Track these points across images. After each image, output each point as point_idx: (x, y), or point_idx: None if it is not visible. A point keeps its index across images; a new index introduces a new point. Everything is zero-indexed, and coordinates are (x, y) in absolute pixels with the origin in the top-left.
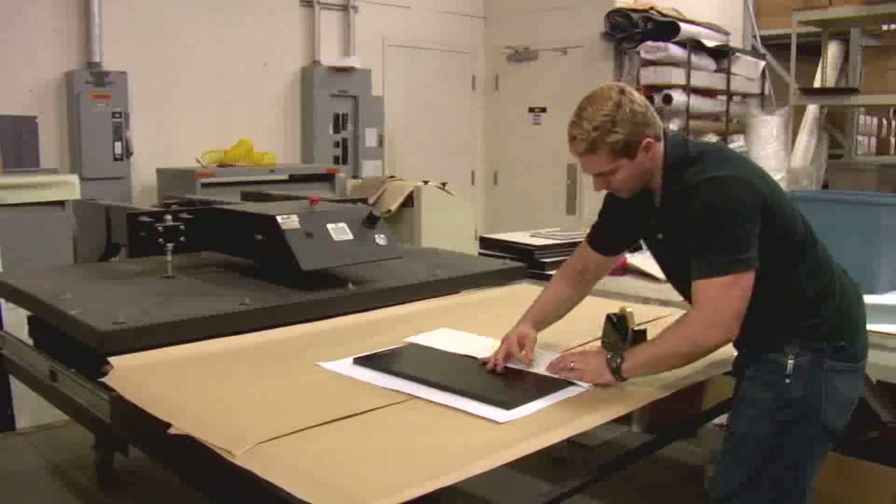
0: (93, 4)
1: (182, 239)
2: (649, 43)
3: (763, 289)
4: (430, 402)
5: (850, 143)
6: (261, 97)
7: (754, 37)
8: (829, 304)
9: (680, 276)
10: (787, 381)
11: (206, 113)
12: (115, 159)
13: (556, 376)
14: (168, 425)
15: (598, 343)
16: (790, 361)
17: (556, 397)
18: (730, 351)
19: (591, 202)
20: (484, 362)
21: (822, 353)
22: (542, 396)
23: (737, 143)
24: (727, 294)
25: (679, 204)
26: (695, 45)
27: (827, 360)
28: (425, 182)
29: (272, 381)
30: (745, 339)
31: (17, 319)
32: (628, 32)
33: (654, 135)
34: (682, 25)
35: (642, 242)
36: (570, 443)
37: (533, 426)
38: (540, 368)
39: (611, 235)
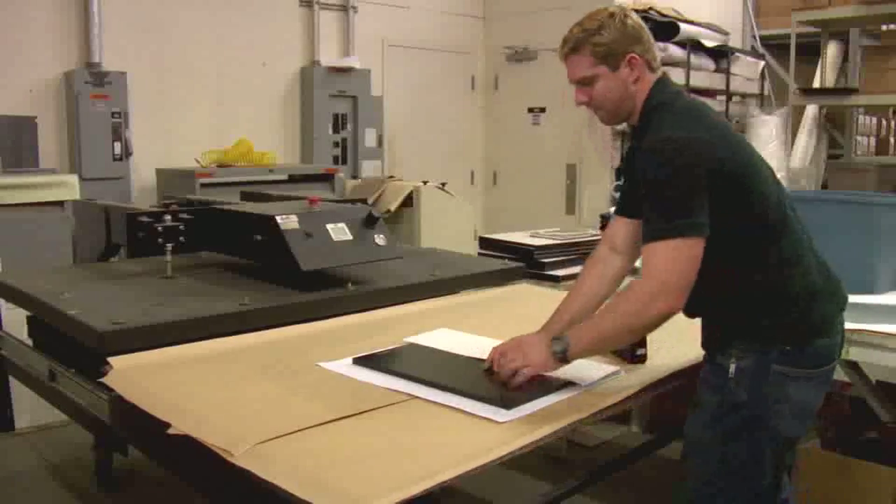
0: (92, 4)
1: (181, 239)
2: None
3: (713, 273)
4: (430, 402)
5: (850, 143)
6: (260, 97)
7: (754, 37)
8: (783, 304)
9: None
10: (731, 385)
11: (205, 113)
12: (115, 159)
13: (551, 375)
14: (167, 425)
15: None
16: (732, 365)
17: (556, 397)
18: None
19: (591, 202)
20: (489, 367)
21: (766, 357)
22: (542, 396)
23: None
24: (673, 260)
25: (637, 158)
26: (694, 46)
27: (773, 364)
28: (425, 182)
29: (271, 381)
30: (701, 336)
31: (16, 319)
32: None
33: (642, 54)
34: (682, 25)
35: None
36: (570, 443)
37: (531, 424)
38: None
39: (632, 196)
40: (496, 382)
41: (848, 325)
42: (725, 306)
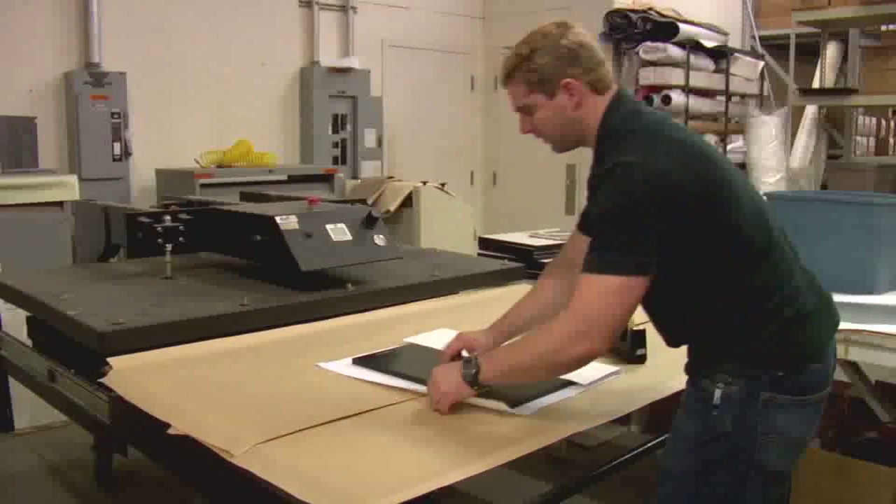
0: (91, 5)
1: (181, 239)
2: (648, 43)
3: (694, 300)
4: (428, 402)
5: (849, 143)
6: (260, 98)
7: (753, 37)
8: (771, 326)
9: None
10: (715, 412)
11: (204, 113)
12: (114, 160)
13: None
14: (167, 426)
15: None
16: (718, 390)
17: (556, 396)
18: None
19: None
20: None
21: (755, 383)
22: (545, 395)
23: (736, 144)
24: (605, 300)
25: (596, 185)
26: (694, 46)
27: (763, 391)
28: (424, 182)
29: (271, 382)
30: (680, 344)
31: (15, 320)
32: (627, 33)
33: (581, 78)
34: (681, 26)
35: None
36: (570, 443)
37: (532, 426)
38: None
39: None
40: None
41: (848, 326)
42: (712, 331)
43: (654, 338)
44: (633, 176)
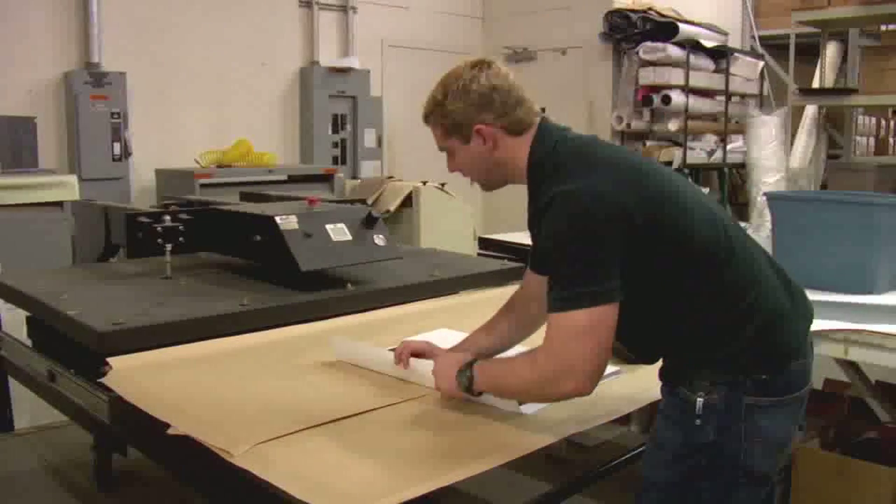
0: (91, 5)
1: (181, 239)
2: (648, 43)
3: (661, 315)
4: (429, 402)
5: (849, 143)
6: (259, 98)
7: (753, 37)
8: (747, 329)
9: None
10: (697, 421)
11: (204, 113)
12: (114, 160)
13: None
14: (167, 426)
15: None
16: (699, 399)
17: None
18: None
19: None
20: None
21: (739, 388)
22: None
23: (736, 144)
24: (577, 339)
25: (537, 220)
26: (693, 46)
27: (746, 396)
28: (424, 182)
29: (271, 382)
30: (655, 358)
31: (15, 320)
32: (627, 33)
33: (493, 123)
34: (681, 26)
35: None
36: (570, 443)
37: (532, 426)
38: None
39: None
40: None
41: (848, 325)
42: (683, 341)
43: None
44: (574, 203)
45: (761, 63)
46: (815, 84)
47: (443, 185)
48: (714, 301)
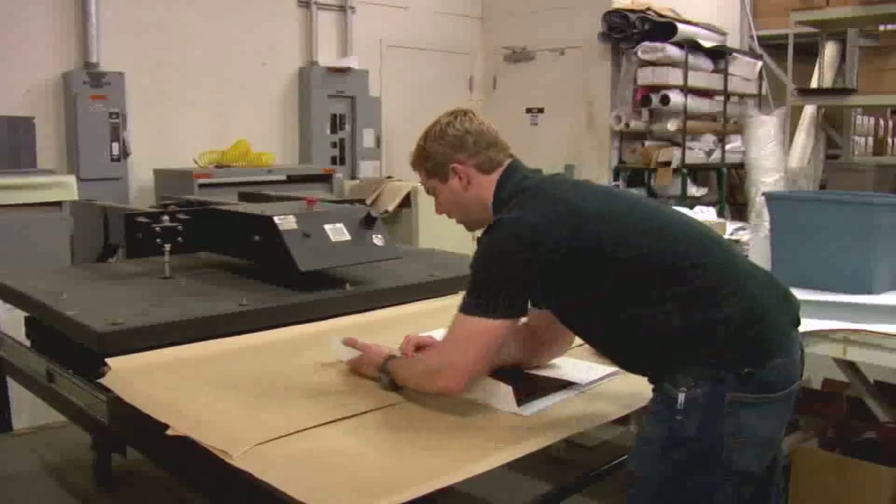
0: (90, 5)
1: (179, 240)
2: (647, 43)
3: (631, 324)
4: (429, 402)
5: (848, 143)
6: (258, 98)
7: (751, 37)
8: (727, 325)
9: None
10: (679, 416)
11: (203, 113)
12: (113, 160)
13: (551, 376)
14: (166, 426)
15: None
16: (681, 394)
17: (557, 397)
18: None
19: None
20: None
21: (721, 383)
22: (545, 396)
23: (734, 144)
24: (466, 340)
25: None
26: (692, 46)
27: (729, 392)
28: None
29: (270, 382)
30: (641, 370)
31: (14, 320)
32: (626, 33)
33: (466, 162)
34: (680, 26)
35: None
36: (570, 443)
37: (532, 426)
38: (540, 371)
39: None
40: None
41: (846, 325)
42: (666, 343)
43: None
44: (502, 229)
45: (760, 63)
46: (814, 84)
47: None
48: (681, 304)
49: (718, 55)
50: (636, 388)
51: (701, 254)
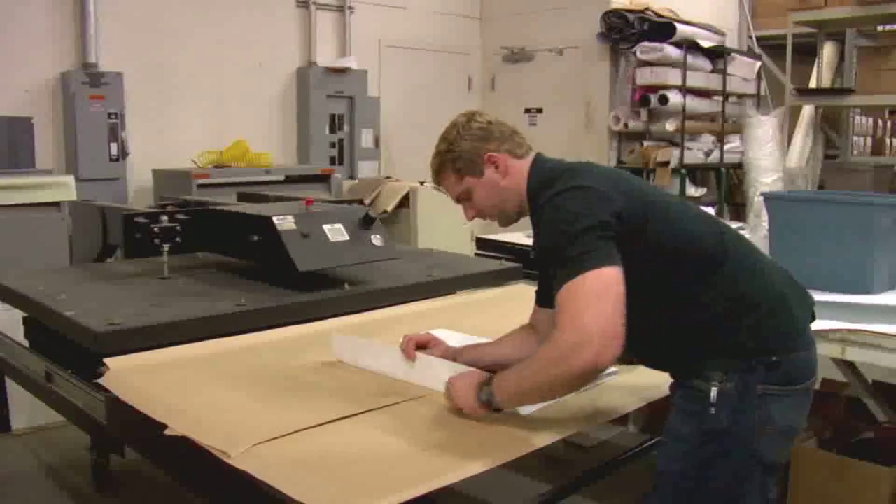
0: (88, 5)
1: (178, 240)
2: (645, 43)
3: (663, 311)
4: (428, 402)
5: (846, 143)
6: (257, 98)
7: (750, 37)
8: (753, 314)
9: None
10: (712, 410)
11: (202, 114)
12: (111, 160)
13: None
14: (164, 427)
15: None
16: (713, 388)
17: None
18: None
19: None
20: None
21: (751, 374)
22: None
23: (733, 144)
24: (589, 305)
25: (538, 231)
26: (691, 46)
27: (758, 383)
28: (421, 183)
29: (269, 382)
30: (665, 364)
31: (12, 320)
32: (624, 33)
33: (499, 149)
34: (678, 26)
35: None
36: (569, 443)
37: (531, 426)
38: None
39: (547, 285)
40: None
41: (845, 325)
42: (694, 334)
43: None
44: (567, 196)
45: (758, 63)
46: (813, 84)
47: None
48: (715, 291)
49: (717, 55)
50: (635, 388)
51: (728, 244)
